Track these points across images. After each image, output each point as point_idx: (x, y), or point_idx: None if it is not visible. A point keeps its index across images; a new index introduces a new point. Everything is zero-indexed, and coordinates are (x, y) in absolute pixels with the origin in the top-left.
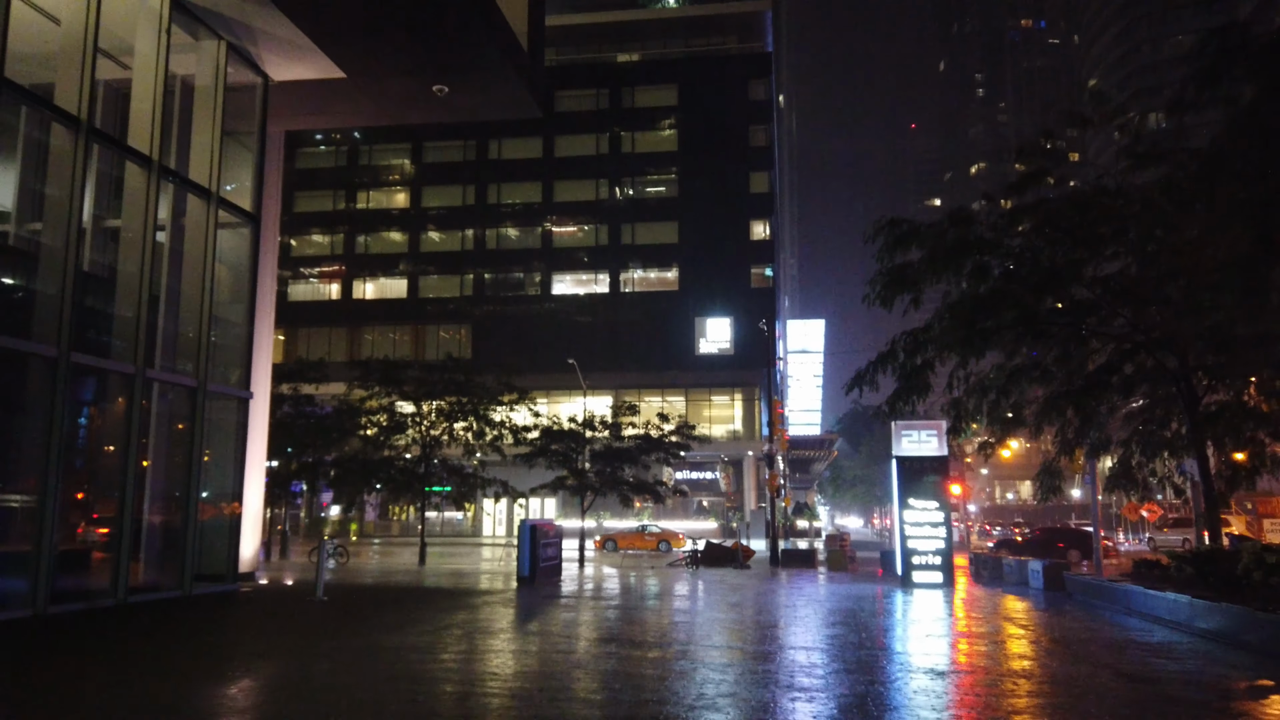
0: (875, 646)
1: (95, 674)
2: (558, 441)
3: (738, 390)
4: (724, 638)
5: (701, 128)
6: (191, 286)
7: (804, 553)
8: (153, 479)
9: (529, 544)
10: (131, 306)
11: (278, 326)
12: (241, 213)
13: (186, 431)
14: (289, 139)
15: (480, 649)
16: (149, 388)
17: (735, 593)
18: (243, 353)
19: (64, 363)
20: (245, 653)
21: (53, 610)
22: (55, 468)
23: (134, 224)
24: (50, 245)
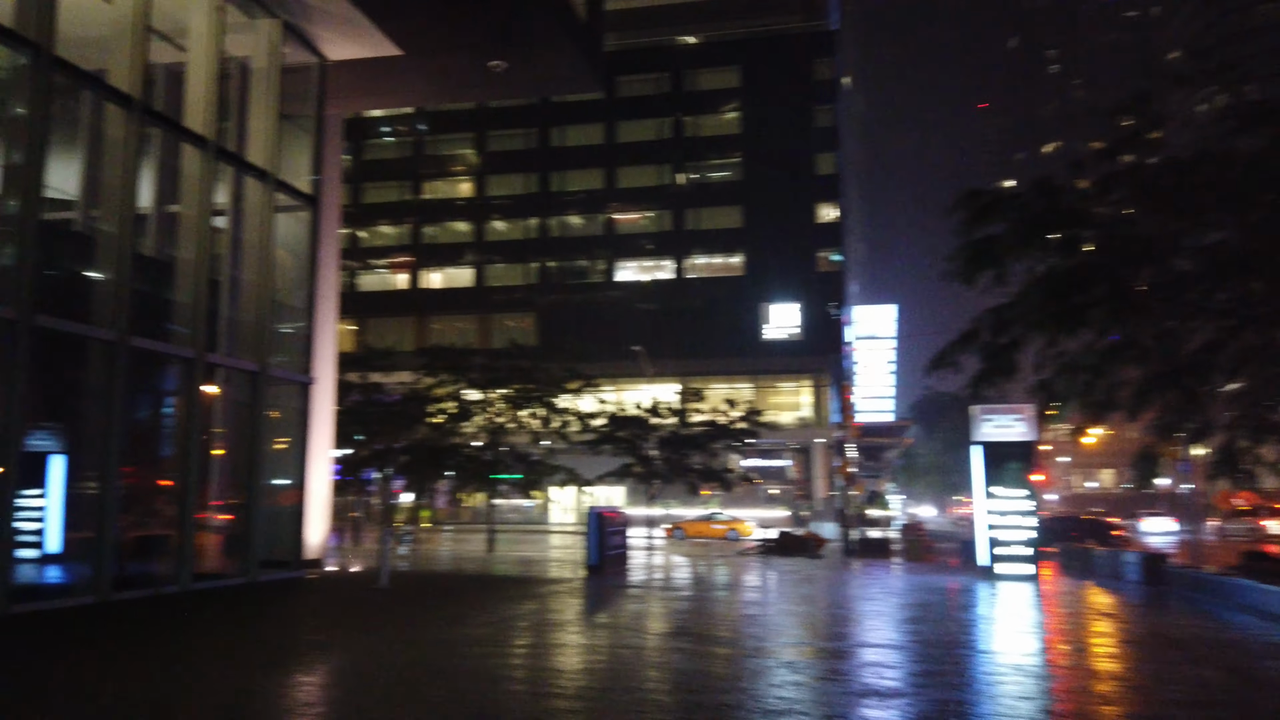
0: (959, 645)
1: (147, 663)
2: (623, 428)
3: (806, 376)
4: (799, 633)
5: (765, 109)
6: (251, 270)
7: (879, 542)
8: (214, 464)
9: (596, 532)
10: (190, 290)
11: (348, 317)
12: (300, 195)
13: (248, 417)
14: (356, 131)
15: (546, 643)
16: (210, 372)
17: (808, 584)
18: (304, 337)
19: (123, 347)
20: (300, 645)
21: (117, 597)
22: (115, 453)
23: (191, 207)
24: (107, 229)
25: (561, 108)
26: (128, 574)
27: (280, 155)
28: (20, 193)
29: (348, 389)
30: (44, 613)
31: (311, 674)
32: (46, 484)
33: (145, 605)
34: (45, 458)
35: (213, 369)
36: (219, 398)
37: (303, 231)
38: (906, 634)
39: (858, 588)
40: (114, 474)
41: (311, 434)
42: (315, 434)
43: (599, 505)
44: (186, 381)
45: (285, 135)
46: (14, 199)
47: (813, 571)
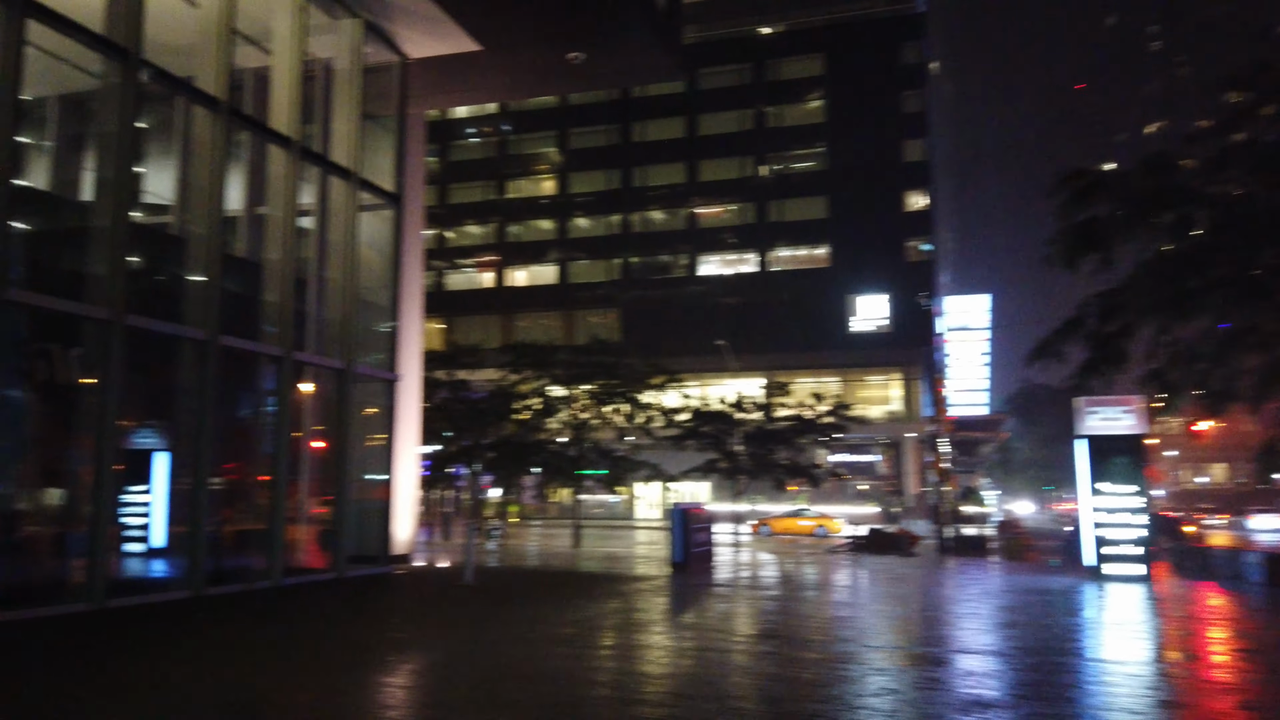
0: (1066, 652)
1: (228, 661)
2: (708, 423)
3: (895, 369)
4: (892, 636)
5: (850, 97)
6: (336, 268)
7: (975, 540)
8: (303, 461)
9: (681, 529)
10: (277, 290)
11: (435, 315)
12: (383, 194)
13: (335, 413)
14: (441, 133)
15: (630, 644)
16: (298, 370)
17: (902, 583)
18: (389, 335)
19: (213, 346)
20: (382, 643)
21: (210, 592)
22: (208, 450)
23: (277, 207)
24: (197, 231)
25: (642, 102)
26: (222, 569)
27: (363, 154)
28: (112, 196)
29: (435, 386)
30: (140, 606)
31: (392, 674)
32: (151, 480)
33: (237, 600)
34: (150, 455)
35: (301, 367)
36: (307, 395)
37: (387, 230)
38: (1008, 639)
39: (954, 588)
40: (206, 470)
41: (398, 431)
42: (402, 431)
43: (683, 502)
44: (275, 379)
45: (368, 135)
46: (106, 203)
47: (906, 570)
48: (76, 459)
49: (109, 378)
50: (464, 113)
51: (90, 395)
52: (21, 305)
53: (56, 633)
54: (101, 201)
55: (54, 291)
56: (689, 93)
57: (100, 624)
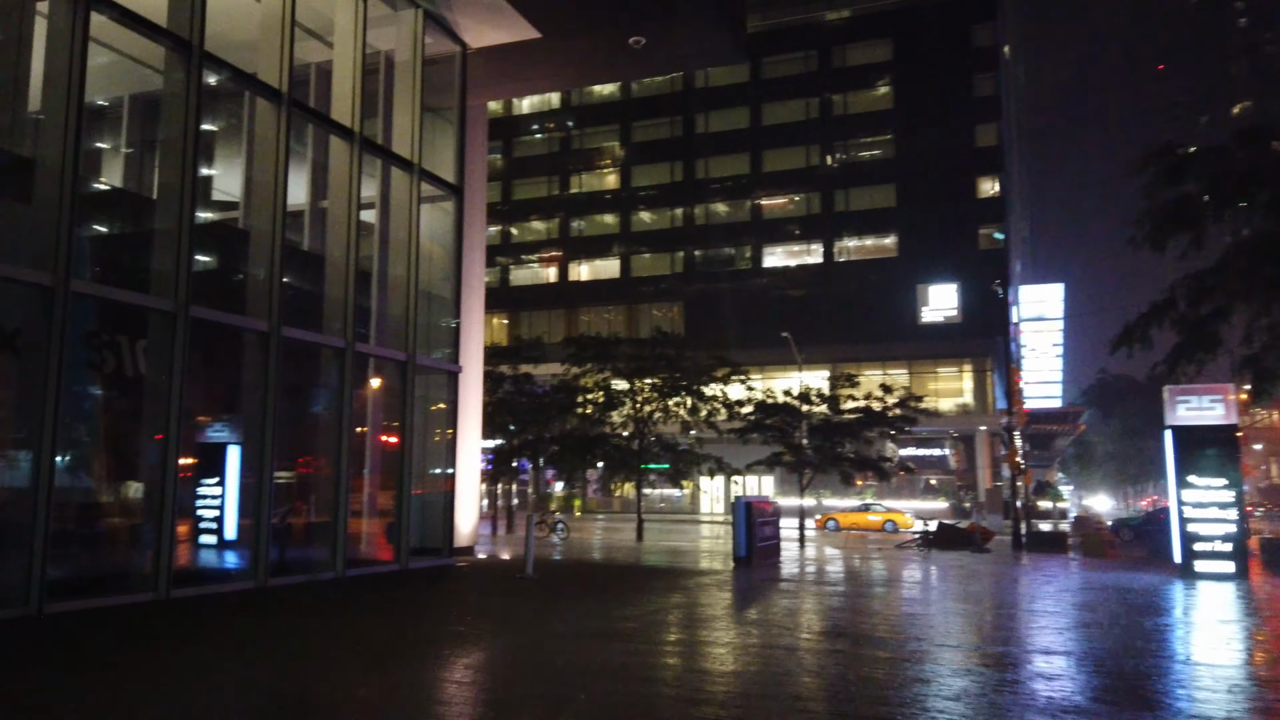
0: (1153, 654)
1: (282, 651)
2: (773, 415)
3: (966, 361)
4: (965, 636)
5: (919, 82)
6: (397, 259)
7: (1053, 535)
8: (367, 453)
9: (744, 523)
10: (339, 282)
11: (500, 310)
12: (444, 185)
13: (397, 405)
14: (504, 129)
15: (693, 640)
16: (360, 363)
17: (975, 581)
18: (451, 327)
19: (275, 337)
20: (441, 636)
21: (274, 583)
22: (270, 443)
23: (338, 198)
24: (259, 224)
25: (705, 93)
26: (286, 561)
27: (424, 146)
28: (175, 192)
29: (498, 381)
30: (203, 597)
31: (449, 668)
32: (224, 473)
33: (300, 591)
34: (224, 448)
35: (363, 359)
36: (370, 388)
37: (448, 222)
38: (1089, 639)
39: (1030, 585)
40: (269, 463)
41: (461, 423)
42: (464, 423)
43: (747, 495)
44: (337, 371)
45: (429, 126)
46: (170, 198)
47: (979, 567)
48: (142, 451)
49: (173, 368)
50: (527, 108)
51: (156, 386)
52: (88, 296)
53: (117, 621)
54: (164, 197)
55: (120, 284)
56: (753, 82)
57: (161, 613)
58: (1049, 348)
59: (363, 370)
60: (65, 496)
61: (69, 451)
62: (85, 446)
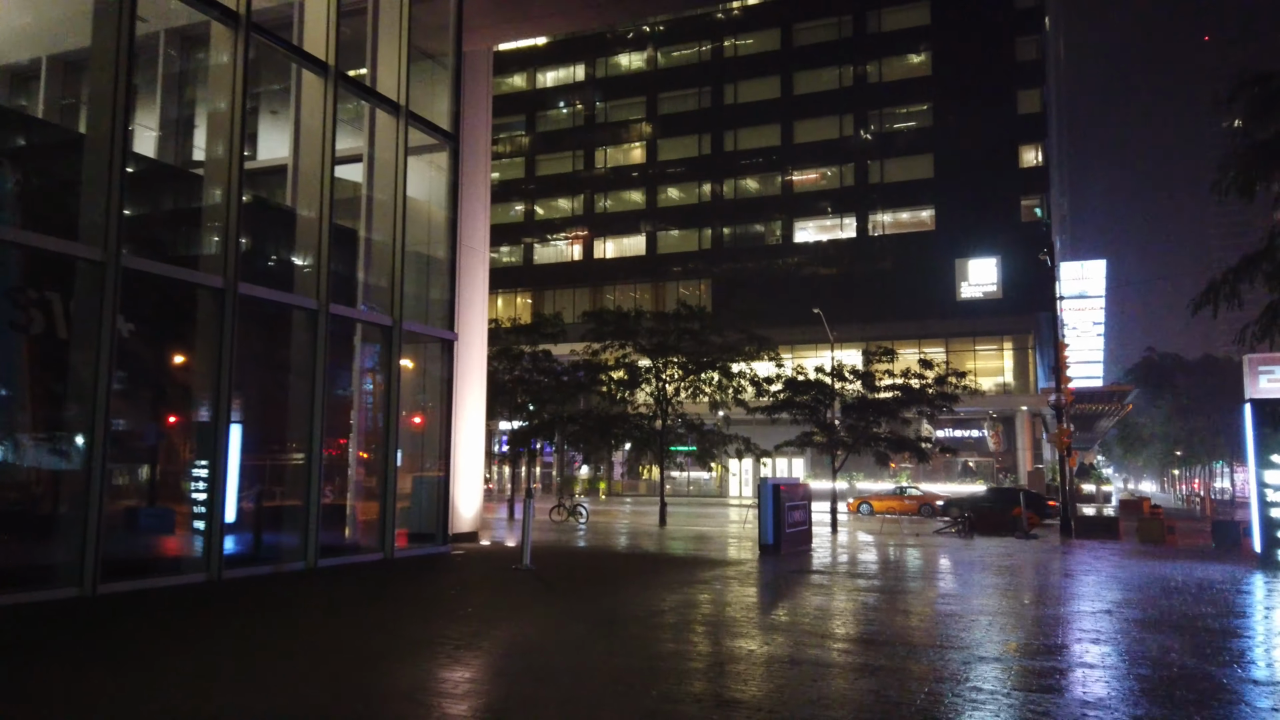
0: (1244, 664)
1: (188, 660)
2: (803, 393)
3: (1007, 338)
4: (1018, 644)
5: (958, 47)
6: (382, 213)
7: (1104, 521)
8: (348, 429)
9: (772, 507)
10: (311, 235)
11: (525, 288)
12: (438, 132)
13: (382, 377)
14: (528, 103)
15: (704, 652)
16: (337, 328)
17: (1026, 572)
18: (447, 288)
19: (231, 295)
20: (397, 642)
21: (231, 575)
22: (225, 413)
23: (311, 141)
24: (214, 169)
25: (734, 63)
26: (248, 550)
27: (419, 93)
28: (105, 130)
29: (517, 358)
30: (140, 594)
31: (403, 682)
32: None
33: (256, 585)
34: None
35: (341, 324)
36: (349, 356)
37: (440, 173)
38: (1162, 650)
39: (1090, 579)
40: (224, 438)
41: (460, 398)
42: (464, 397)
43: (775, 477)
44: (309, 336)
45: (426, 73)
46: (100, 137)
47: (1027, 556)
48: (56, 428)
49: (101, 329)
50: (551, 81)
51: (82, 350)
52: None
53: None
54: (94, 136)
55: (39, 229)
56: (784, 50)
57: (88, 611)
58: (1090, 326)
59: (341, 336)
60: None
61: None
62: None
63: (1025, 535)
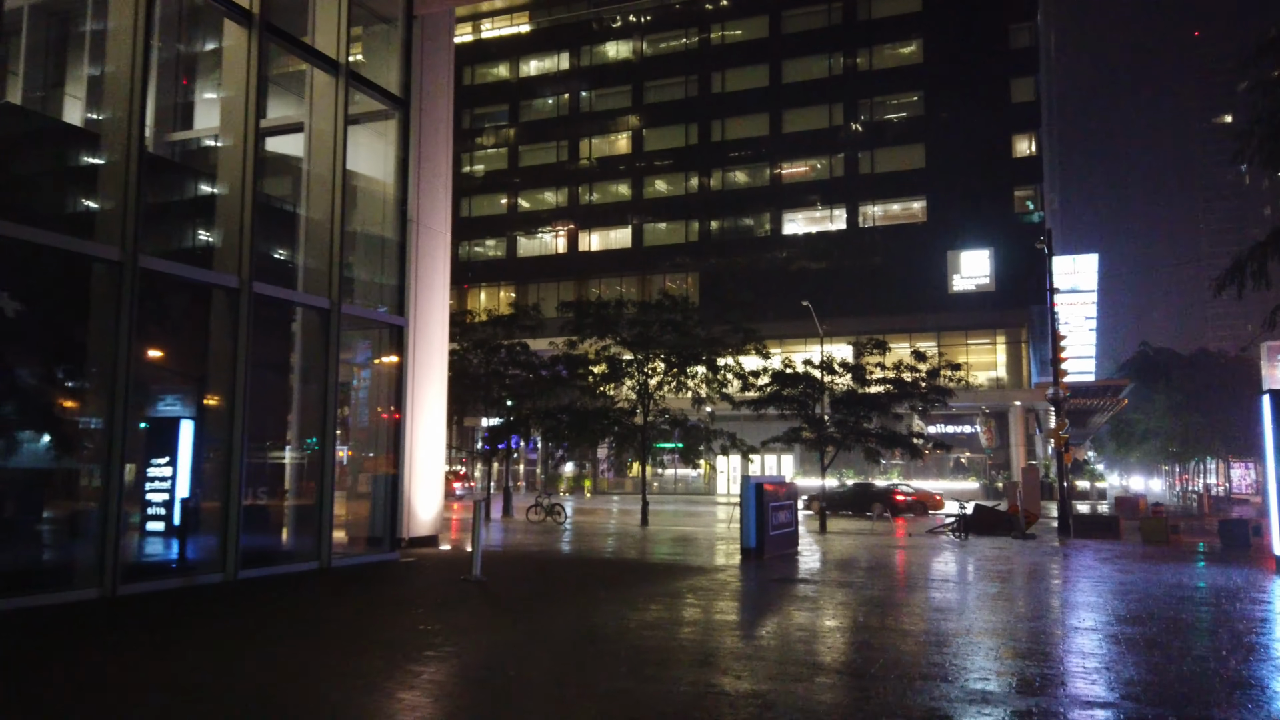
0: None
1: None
2: (791, 386)
3: (1000, 332)
4: (1031, 673)
5: (950, 34)
6: (322, 186)
7: (1104, 520)
8: (279, 423)
9: (755, 507)
10: (233, 204)
11: (508, 282)
12: (385, 96)
13: (318, 364)
14: (511, 93)
15: (655, 695)
16: (264, 309)
17: (1028, 580)
18: (396, 270)
19: (131, 269)
20: (273, 682)
21: (127, 590)
22: (124, 405)
23: (233, 99)
24: (111, 126)
25: (721, 50)
26: (154, 561)
27: (368, 58)
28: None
29: (494, 350)
30: (22, 611)
31: None
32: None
33: (162, 601)
34: (53, 409)
35: (268, 305)
36: (284, 342)
37: (388, 143)
38: (1193, 673)
39: (1106, 585)
40: (120, 432)
41: (415, 388)
42: (421, 389)
43: (758, 475)
44: (228, 318)
45: (376, 38)
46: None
47: (1030, 558)
48: None
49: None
50: (534, 71)
51: None
52: None
53: None
54: None
55: None
56: (772, 37)
57: None
58: (1082, 321)
59: (272, 320)
60: None
61: None
62: None
63: (1023, 535)
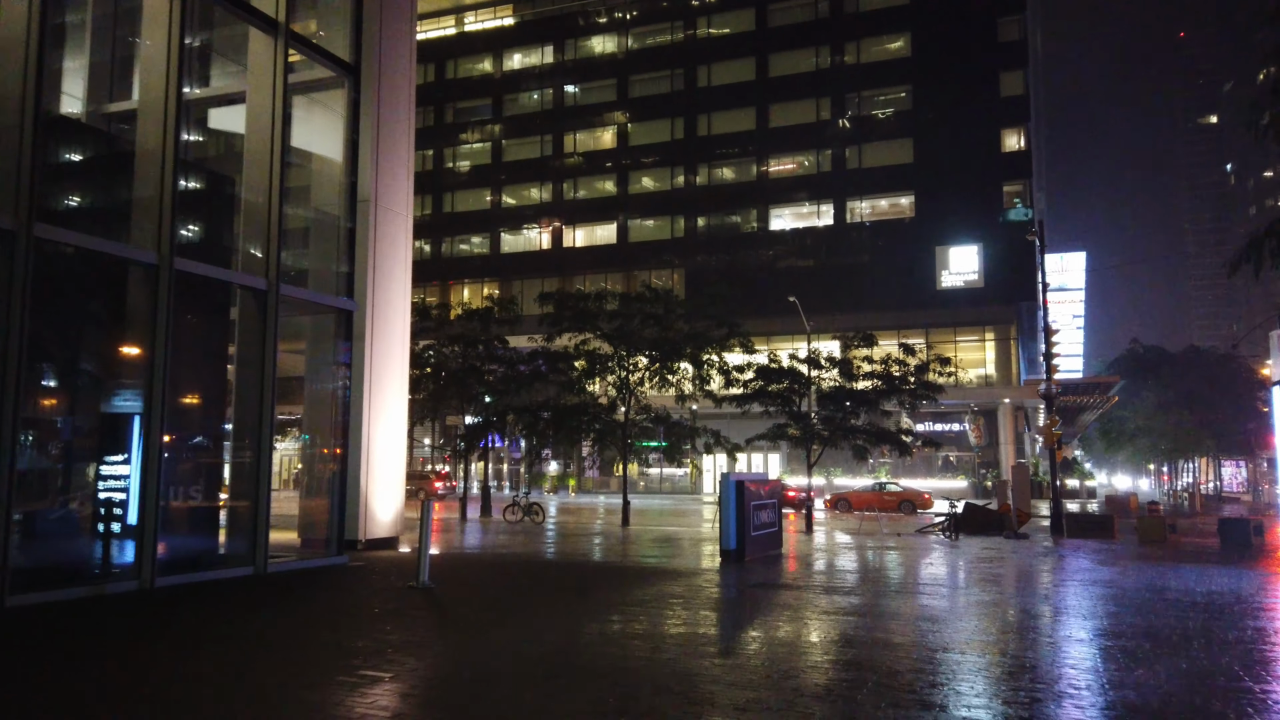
0: None
1: None
2: (777, 382)
3: (989, 328)
4: (1042, 698)
5: (939, 28)
6: (258, 155)
7: (1098, 519)
8: (221, 412)
9: (735, 507)
10: (153, 170)
11: (491, 278)
12: (332, 61)
13: (254, 351)
14: (498, 87)
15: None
16: (190, 289)
17: (1023, 585)
18: (345, 249)
19: (24, 239)
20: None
21: (14, 603)
22: (15, 392)
23: (153, 55)
24: (3, 79)
25: (707, 43)
26: (54, 566)
27: (312, 19)
28: None
29: (471, 343)
30: None
31: None
32: None
33: (59, 613)
34: None
35: (194, 285)
36: (218, 327)
37: (335, 116)
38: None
39: (1099, 596)
40: (9, 423)
41: (372, 379)
42: (382, 382)
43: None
44: (146, 298)
45: (329, 8)
46: None
47: (1025, 560)
48: None
49: None
50: (518, 65)
51: None
52: None
53: None
54: None
55: None
56: (759, 30)
57: None
58: (1070, 319)
59: (200, 302)
60: None
61: None
62: None
63: (1015, 535)
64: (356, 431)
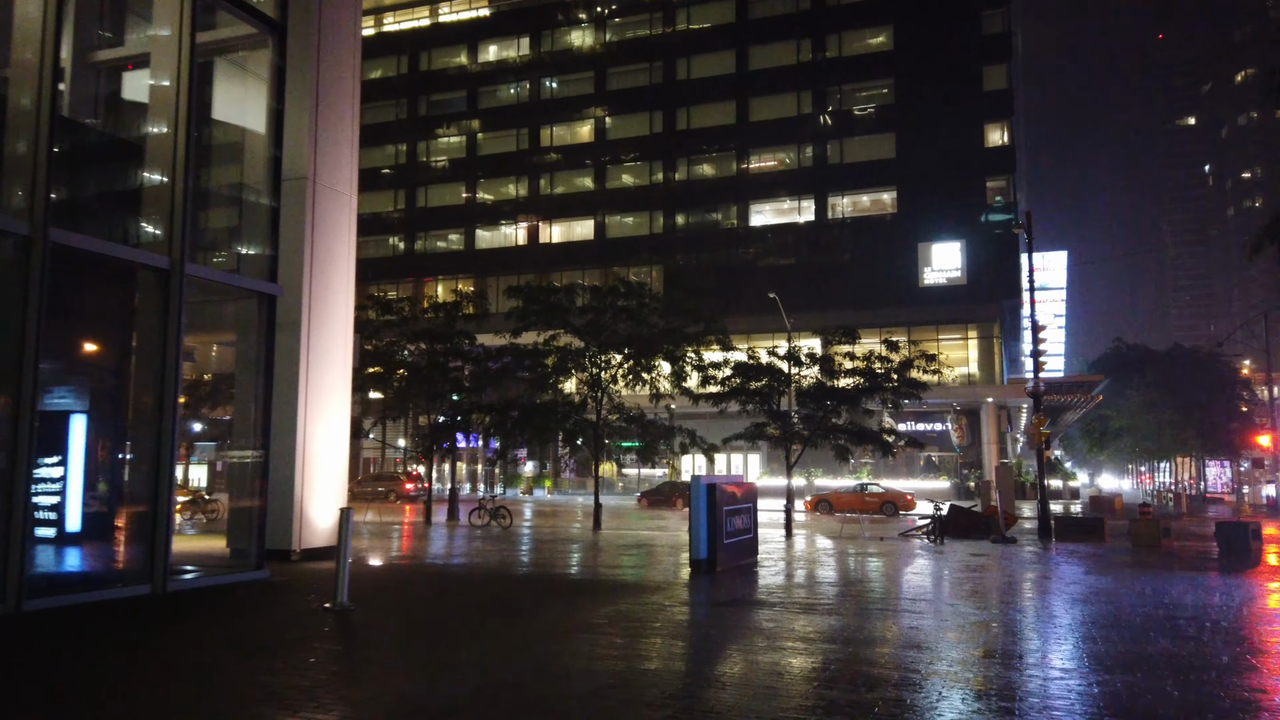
0: None
1: None
2: (755, 379)
3: (971, 326)
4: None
5: (921, 20)
6: (160, 118)
7: (1088, 522)
8: (113, 409)
9: (706, 512)
10: (24, 130)
11: (466, 274)
12: (251, 14)
13: (155, 337)
14: (473, 80)
15: None
16: (76, 267)
17: (1023, 596)
18: (266, 227)
19: None
20: None
21: None
22: None
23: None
24: None
25: (687, 36)
26: None
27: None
28: None
29: (438, 338)
30: None
31: None
32: None
33: None
34: None
35: (77, 260)
36: (104, 310)
37: (258, 79)
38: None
39: (1110, 610)
40: None
41: (308, 374)
42: (322, 377)
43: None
44: (16, 274)
45: None
46: None
47: (1013, 569)
48: None
49: None
50: (494, 57)
51: None
52: None
53: None
54: None
55: None
56: (739, 23)
57: None
58: (1051, 319)
59: (83, 280)
60: None
61: None
62: None
63: (1002, 539)
64: (290, 431)
